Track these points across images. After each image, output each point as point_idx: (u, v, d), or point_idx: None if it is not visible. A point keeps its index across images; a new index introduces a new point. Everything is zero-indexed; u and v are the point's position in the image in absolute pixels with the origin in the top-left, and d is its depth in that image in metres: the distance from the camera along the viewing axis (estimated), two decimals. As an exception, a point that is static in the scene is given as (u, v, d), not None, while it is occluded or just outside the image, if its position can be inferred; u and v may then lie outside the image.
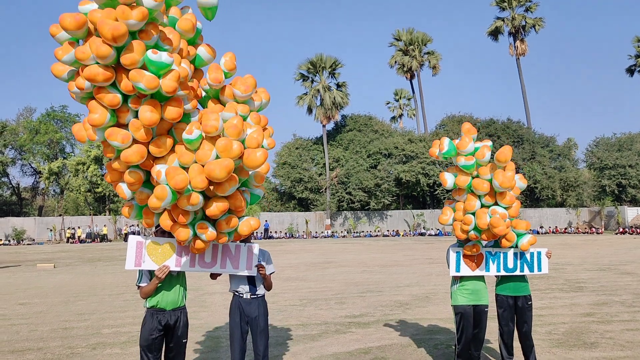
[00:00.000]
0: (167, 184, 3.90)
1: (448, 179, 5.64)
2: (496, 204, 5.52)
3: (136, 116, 3.95)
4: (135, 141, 3.98)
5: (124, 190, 4.26)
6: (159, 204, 3.95)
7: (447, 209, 5.80)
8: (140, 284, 4.62)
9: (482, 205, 5.48)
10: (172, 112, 3.93)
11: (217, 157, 3.91)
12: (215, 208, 4.08)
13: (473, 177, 5.51)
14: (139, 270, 4.63)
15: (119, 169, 4.15)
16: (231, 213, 4.27)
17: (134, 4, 3.73)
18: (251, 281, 4.97)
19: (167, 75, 3.79)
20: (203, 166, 3.90)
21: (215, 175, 3.83)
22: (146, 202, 4.19)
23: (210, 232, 4.17)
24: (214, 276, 4.96)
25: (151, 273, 4.61)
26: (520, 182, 5.64)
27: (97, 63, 3.73)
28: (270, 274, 5.11)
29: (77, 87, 3.88)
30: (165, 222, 4.24)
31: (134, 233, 42.46)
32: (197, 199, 3.95)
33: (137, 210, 4.44)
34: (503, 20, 53.52)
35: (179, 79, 3.82)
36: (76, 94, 4.01)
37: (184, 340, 4.73)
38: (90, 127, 3.99)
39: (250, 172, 4.32)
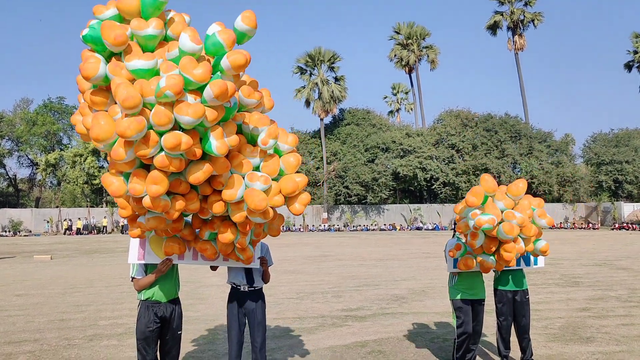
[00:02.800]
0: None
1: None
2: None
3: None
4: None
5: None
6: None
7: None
8: (135, 276, 4.60)
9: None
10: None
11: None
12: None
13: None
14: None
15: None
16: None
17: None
18: (249, 274, 4.96)
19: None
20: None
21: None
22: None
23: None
24: (213, 268, 4.96)
25: (146, 265, 4.59)
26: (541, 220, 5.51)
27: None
28: (269, 266, 5.11)
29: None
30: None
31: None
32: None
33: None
34: (502, 14, 53.36)
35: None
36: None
37: (179, 332, 4.72)
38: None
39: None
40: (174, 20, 3.81)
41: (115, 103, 3.51)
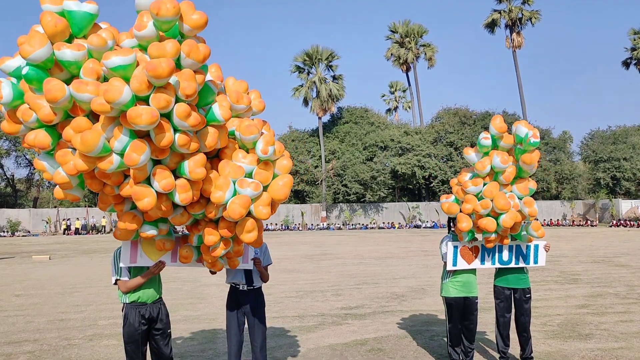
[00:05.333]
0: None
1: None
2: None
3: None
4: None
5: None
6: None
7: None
8: (122, 278, 4.52)
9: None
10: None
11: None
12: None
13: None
14: (115, 264, 4.53)
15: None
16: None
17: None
18: (248, 273, 4.96)
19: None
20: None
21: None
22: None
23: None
24: (213, 271, 4.93)
25: (130, 268, 4.52)
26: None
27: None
28: (267, 265, 5.11)
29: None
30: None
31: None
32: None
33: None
34: (500, 12, 53.36)
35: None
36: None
37: (168, 331, 4.69)
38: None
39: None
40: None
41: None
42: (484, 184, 5.39)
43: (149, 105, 3.39)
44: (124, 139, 3.45)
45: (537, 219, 5.79)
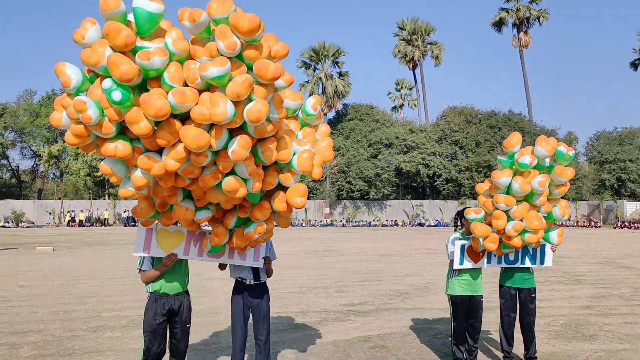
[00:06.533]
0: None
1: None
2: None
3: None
4: None
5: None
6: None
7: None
8: (142, 268, 4.60)
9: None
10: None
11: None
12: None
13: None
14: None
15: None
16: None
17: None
18: (254, 268, 4.94)
19: None
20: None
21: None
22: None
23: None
24: (222, 266, 4.94)
25: (154, 258, 4.59)
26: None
27: None
28: (272, 261, 5.10)
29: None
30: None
31: (134, 219, 42.51)
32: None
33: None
34: (507, 11, 53.17)
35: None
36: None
37: (187, 325, 4.72)
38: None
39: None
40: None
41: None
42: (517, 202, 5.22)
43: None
44: (225, 137, 3.59)
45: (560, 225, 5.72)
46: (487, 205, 5.34)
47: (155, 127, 3.58)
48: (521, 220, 5.18)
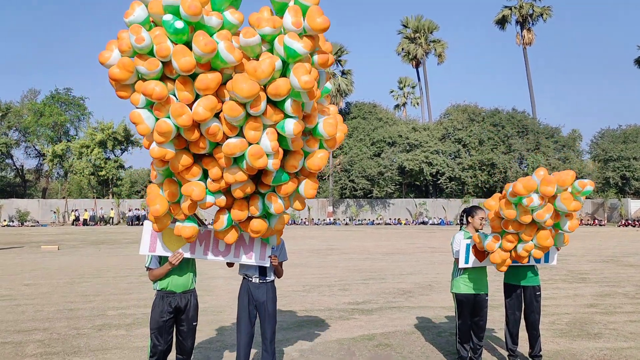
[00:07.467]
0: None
1: None
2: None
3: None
4: None
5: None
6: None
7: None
8: (149, 266, 4.62)
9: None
10: None
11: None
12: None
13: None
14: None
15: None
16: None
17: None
18: (261, 266, 4.94)
19: None
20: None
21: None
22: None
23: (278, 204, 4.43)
24: (230, 264, 4.96)
25: (161, 257, 4.61)
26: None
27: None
28: (282, 262, 5.09)
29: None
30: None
31: (138, 218, 42.62)
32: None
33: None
34: (510, 9, 53.04)
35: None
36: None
37: (194, 324, 4.74)
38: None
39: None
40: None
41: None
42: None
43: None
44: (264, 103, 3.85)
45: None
46: (495, 222, 5.37)
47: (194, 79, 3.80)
48: (531, 240, 5.18)
